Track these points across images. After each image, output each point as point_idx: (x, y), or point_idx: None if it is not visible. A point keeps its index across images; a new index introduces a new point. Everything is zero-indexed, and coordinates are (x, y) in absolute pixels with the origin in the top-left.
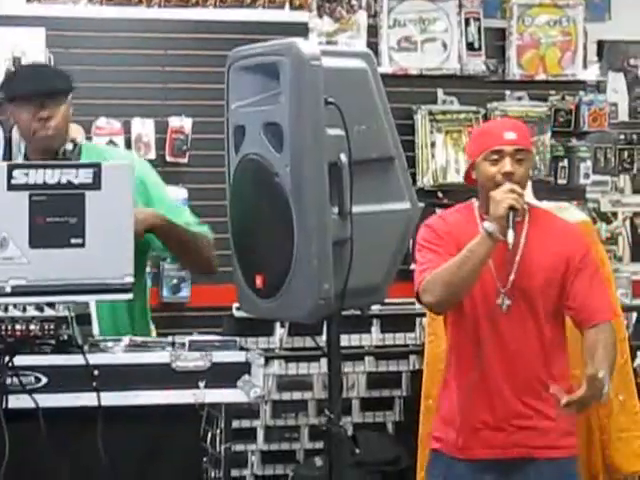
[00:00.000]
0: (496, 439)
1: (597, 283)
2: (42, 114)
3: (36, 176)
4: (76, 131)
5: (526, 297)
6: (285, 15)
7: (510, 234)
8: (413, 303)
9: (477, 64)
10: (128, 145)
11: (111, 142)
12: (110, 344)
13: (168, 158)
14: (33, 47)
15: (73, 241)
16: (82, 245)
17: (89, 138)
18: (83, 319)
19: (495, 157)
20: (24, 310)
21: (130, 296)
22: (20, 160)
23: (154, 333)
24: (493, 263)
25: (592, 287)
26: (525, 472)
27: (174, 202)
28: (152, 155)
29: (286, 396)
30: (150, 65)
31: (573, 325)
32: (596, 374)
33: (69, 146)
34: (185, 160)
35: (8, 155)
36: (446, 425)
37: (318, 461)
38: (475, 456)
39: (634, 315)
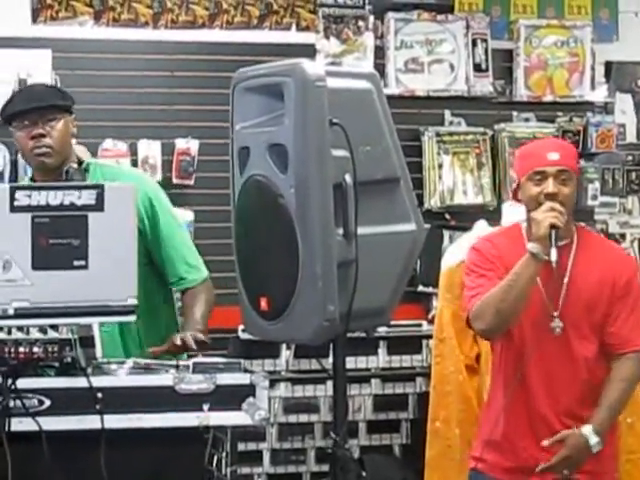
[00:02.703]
0: (536, 463)
1: (637, 311)
2: (35, 132)
3: (39, 197)
4: (82, 153)
5: (574, 320)
6: (292, 37)
7: (553, 252)
8: (419, 325)
9: (484, 85)
10: (134, 167)
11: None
12: (114, 366)
13: (174, 180)
14: (39, 69)
15: (76, 263)
16: (85, 267)
17: None
18: (86, 341)
19: (538, 178)
20: (27, 332)
21: (134, 318)
22: (26, 182)
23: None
24: (542, 286)
25: (631, 314)
26: None
27: (180, 234)
28: (158, 177)
29: (292, 419)
30: (157, 87)
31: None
32: (576, 434)
33: (73, 165)
34: (191, 182)
35: (14, 177)
36: (488, 446)
37: None
38: (514, 479)
39: None
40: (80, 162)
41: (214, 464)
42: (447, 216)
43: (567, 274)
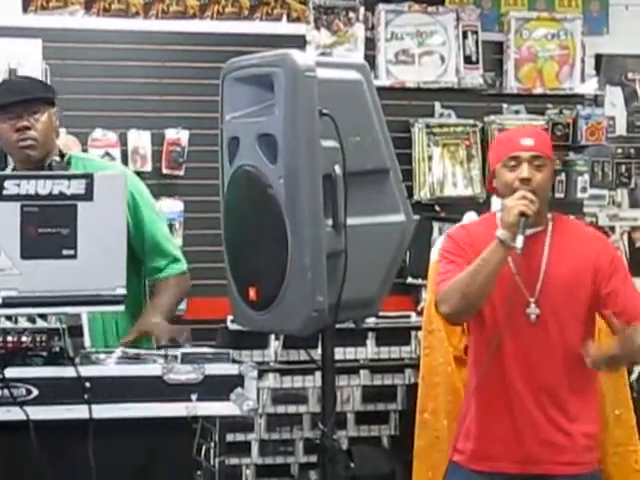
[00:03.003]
0: (516, 453)
1: (630, 285)
2: (20, 124)
3: (28, 186)
4: (72, 143)
5: (552, 307)
6: (282, 27)
7: (519, 240)
8: (408, 316)
9: (474, 77)
10: (124, 157)
11: (107, 154)
12: (102, 356)
13: (164, 170)
14: (29, 58)
15: (65, 252)
16: (74, 256)
17: (85, 150)
18: (75, 331)
19: (513, 163)
20: (15, 322)
21: (122, 308)
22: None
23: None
24: (518, 273)
25: (628, 289)
26: None
27: (162, 227)
28: (148, 167)
29: (281, 409)
30: (147, 77)
31: (610, 332)
32: (632, 334)
33: (56, 158)
34: (181, 172)
35: (3, 165)
36: (466, 436)
37: (313, 475)
38: (495, 469)
39: None
40: (62, 155)
41: (202, 454)
42: (437, 208)
43: (544, 261)
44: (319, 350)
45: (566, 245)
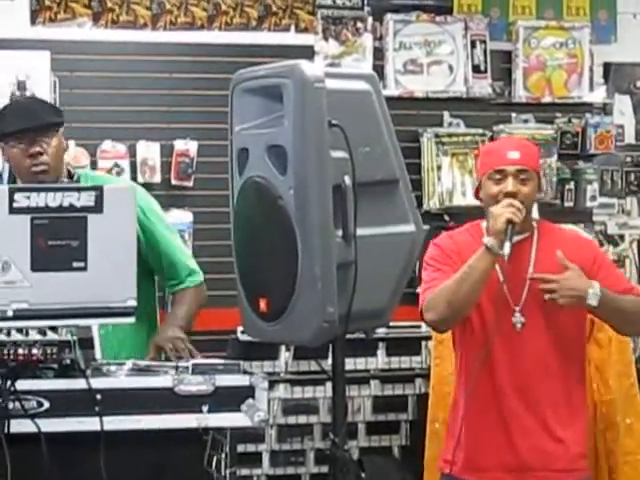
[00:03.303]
0: (509, 462)
1: (616, 275)
2: (33, 150)
3: (38, 199)
4: (81, 155)
5: (539, 314)
6: (291, 38)
7: (507, 247)
8: (419, 326)
9: (483, 87)
10: (133, 168)
11: (116, 165)
12: (113, 368)
13: (173, 181)
14: (38, 70)
15: (75, 264)
16: (84, 269)
17: (94, 162)
18: (86, 343)
19: (498, 177)
20: (26, 334)
21: (133, 319)
22: None
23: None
24: (506, 281)
25: (615, 273)
26: None
27: (175, 240)
28: (157, 178)
29: (291, 420)
30: (155, 88)
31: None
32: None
33: (64, 179)
34: (190, 183)
35: (13, 179)
36: (457, 447)
37: None
38: (487, 479)
39: None
40: (71, 175)
41: (213, 465)
42: (446, 217)
43: (530, 268)
44: (329, 360)
45: (552, 250)
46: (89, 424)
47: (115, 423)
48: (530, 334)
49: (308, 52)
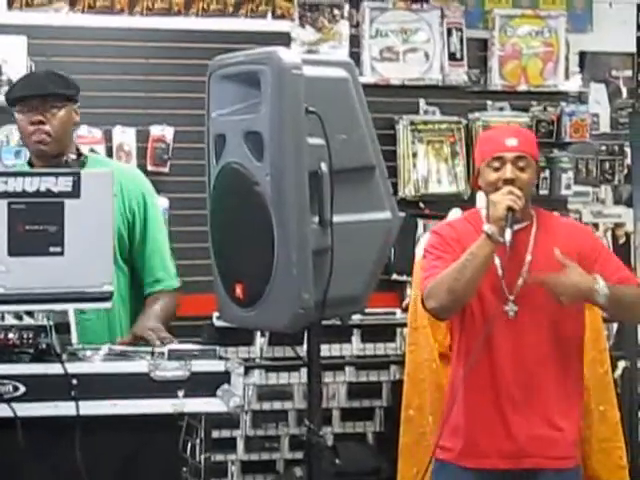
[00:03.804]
0: (506, 448)
1: (615, 263)
2: (35, 118)
3: (15, 184)
4: None
5: (539, 301)
6: (267, 25)
7: (508, 233)
8: (394, 313)
9: (459, 74)
10: (109, 153)
11: (92, 151)
12: (89, 353)
13: (149, 167)
14: (14, 55)
15: (52, 249)
16: (61, 253)
17: None
18: (62, 328)
19: (497, 164)
20: (2, 318)
21: (109, 305)
22: (24, 167)
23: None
24: (504, 269)
25: (615, 261)
26: None
27: (164, 240)
28: (133, 164)
29: (266, 406)
30: (132, 74)
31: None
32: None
33: (72, 156)
34: (166, 169)
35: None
36: (454, 433)
37: (298, 471)
38: (484, 465)
39: (615, 326)
40: (80, 154)
41: (188, 451)
42: (421, 205)
43: (527, 256)
44: (305, 347)
45: (550, 239)
46: (65, 409)
47: (91, 408)
48: (526, 323)
49: (285, 39)
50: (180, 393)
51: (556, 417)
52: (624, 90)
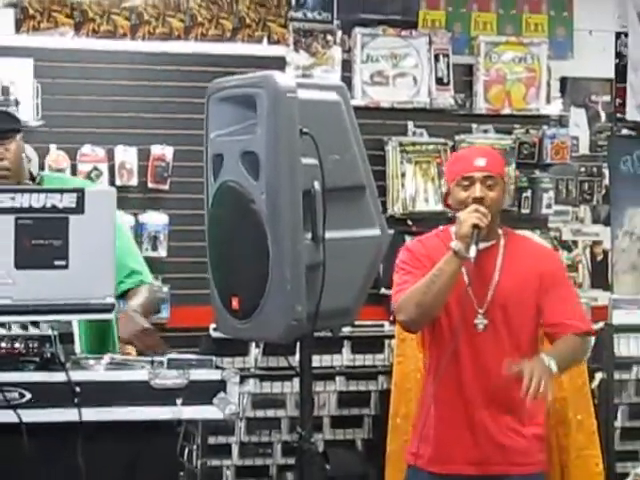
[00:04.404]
0: (473, 455)
1: (570, 296)
2: None
3: (22, 200)
4: (62, 158)
5: (504, 317)
6: (263, 49)
7: (473, 250)
8: (382, 325)
9: (446, 98)
10: (112, 171)
11: (95, 169)
12: (91, 362)
13: (150, 184)
14: (21, 77)
15: (57, 263)
16: (65, 267)
17: (74, 165)
18: (66, 338)
19: (466, 183)
20: (9, 329)
21: (111, 316)
22: None
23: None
24: (471, 285)
25: (566, 299)
26: None
27: (126, 241)
28: (134, 181)
29: (260, 413)
30: (134, 95)
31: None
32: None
33: (27, 182)
34: (166, 187)
35: None
36: (423, 440)
37: (290, 476)
38: (452, 471)
39: (592, 340)
40: (32, 177)
41: (185, 456)
42: (409, 222)
43: (496, 274)
44: (297, 357)
45: (517, 258)
46: (68, 415)
47: (93, 414)
48: (492, 336)
49: (280, 63)
50: (178, 401)
51: (520, 425)
52: (603, 114)
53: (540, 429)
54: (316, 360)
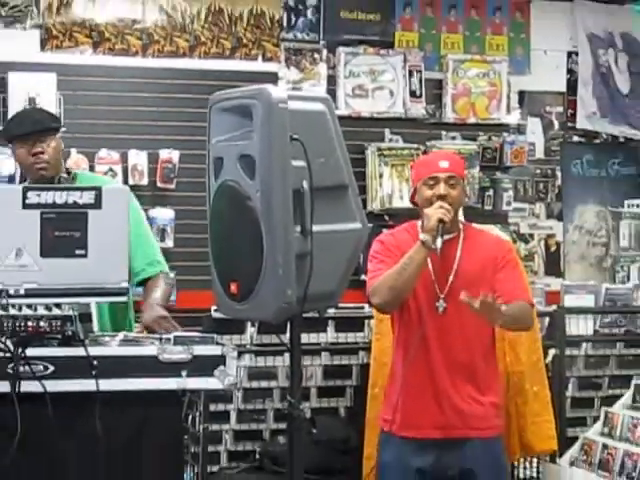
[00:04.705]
0: (438, 420)
1: (517, 275)
2: (36, 150)
3: (47, 197)
4: (81, 160)
5: (457, 301)
6: (258, 66)
7: (439, 242)
8: (362, 307)
9: (418, 109)
10: (125, 172)
11: (111, 170)
12: (107, 339)
13: (158, 184)
14: (46, 89)
15: (77, 252)
16: (85, 255)
17: (92, 167)
18: (85, 317)
19: (431, 182)
20: (35, 309)
21: (125, 299)
22: None
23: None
24: (434, 272)
25: (514, 277)
26: (462, 448)
27: (145, 233)
28: (145, 181)
29: (255, 384)
30: (145, 105)
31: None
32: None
33: (64, 175)
34: (173, 186)
35: (24, 179)
36: (394, 409)
37: (281, 439)
38: (421, 435)
39: (547, 320)
40: (69, 172)
41: (189, 422)
42: (386, 217)
43: (455, 262)
44: (288, 335)
45: (474, 248)
46: (87, 385)
47: (109, 385)
48: (453, 317)
49: (273, 78)
50: (183, 373)
51: (479, 394)
52: (556, 123)
53: (497, 398)
54: (304, 337)
